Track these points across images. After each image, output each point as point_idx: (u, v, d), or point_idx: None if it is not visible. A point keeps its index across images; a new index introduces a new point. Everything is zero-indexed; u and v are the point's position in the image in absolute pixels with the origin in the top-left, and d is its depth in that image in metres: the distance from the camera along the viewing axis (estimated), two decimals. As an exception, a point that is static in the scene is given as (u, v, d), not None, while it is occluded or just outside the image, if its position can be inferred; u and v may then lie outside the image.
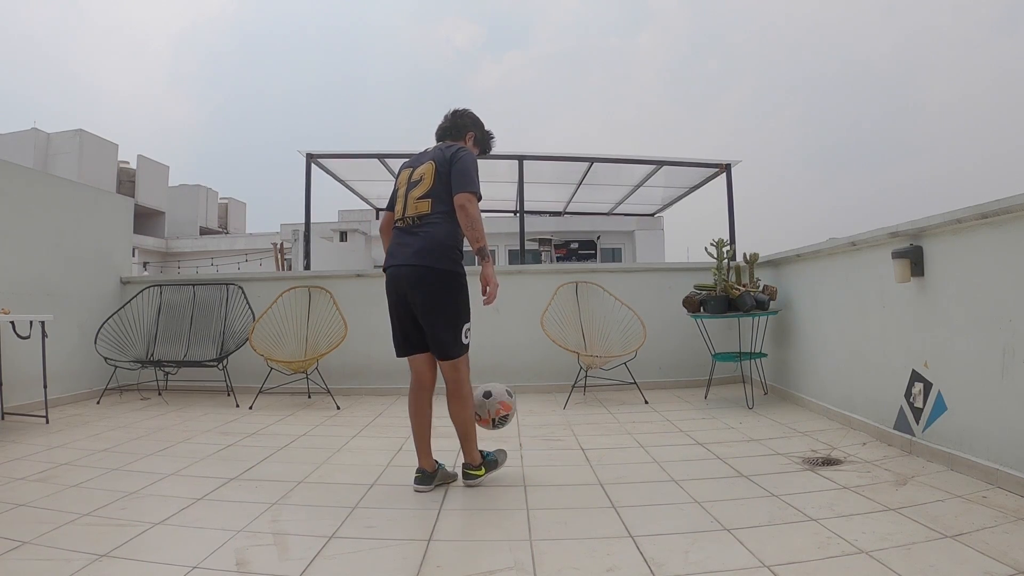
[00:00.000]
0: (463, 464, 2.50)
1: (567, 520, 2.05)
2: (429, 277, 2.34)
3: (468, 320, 2.44)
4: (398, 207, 2.49)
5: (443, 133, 2.64)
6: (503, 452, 2.64)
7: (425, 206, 2.39)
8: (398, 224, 2.47)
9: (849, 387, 3.34)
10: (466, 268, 2.47)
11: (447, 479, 2.50)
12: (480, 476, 2.48)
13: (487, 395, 2.58)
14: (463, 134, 2.64)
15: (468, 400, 2.46)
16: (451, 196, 2.38)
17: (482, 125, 2.70)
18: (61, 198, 4.69)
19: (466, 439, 2.46)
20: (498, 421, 2.57)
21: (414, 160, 2.56)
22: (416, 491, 2.39)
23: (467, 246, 2.46)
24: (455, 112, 2.67)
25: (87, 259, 4.87)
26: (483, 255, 2.34)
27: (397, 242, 2.44)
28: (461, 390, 2.43)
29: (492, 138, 2.75)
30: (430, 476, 2.43)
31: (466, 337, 2.43)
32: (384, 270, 2.46)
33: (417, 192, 2.43)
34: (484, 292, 2.35)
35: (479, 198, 2.40)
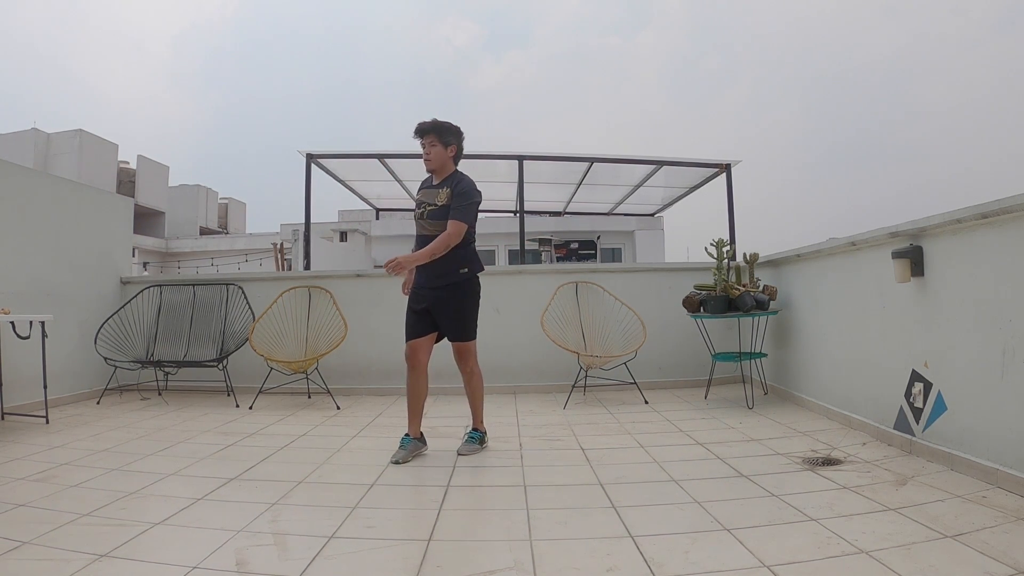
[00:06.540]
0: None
1: (567, 520, 2.06)
2: None
3: None
4: None
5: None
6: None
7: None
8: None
9: (849, 387, 3.34)
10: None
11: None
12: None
13: None
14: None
15: None
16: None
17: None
18: (61, 198, 4.68)
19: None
20: None
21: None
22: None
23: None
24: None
25: (87, 259, 4.87)
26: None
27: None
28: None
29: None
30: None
31: None
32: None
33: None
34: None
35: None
